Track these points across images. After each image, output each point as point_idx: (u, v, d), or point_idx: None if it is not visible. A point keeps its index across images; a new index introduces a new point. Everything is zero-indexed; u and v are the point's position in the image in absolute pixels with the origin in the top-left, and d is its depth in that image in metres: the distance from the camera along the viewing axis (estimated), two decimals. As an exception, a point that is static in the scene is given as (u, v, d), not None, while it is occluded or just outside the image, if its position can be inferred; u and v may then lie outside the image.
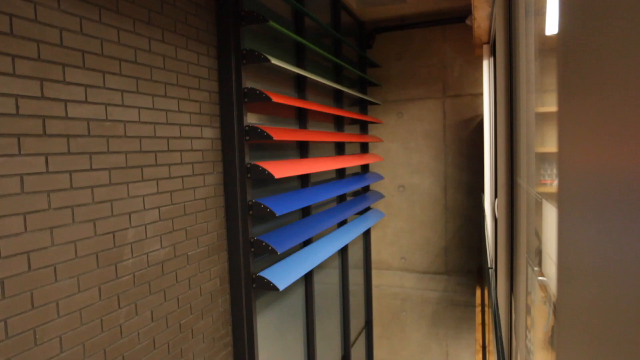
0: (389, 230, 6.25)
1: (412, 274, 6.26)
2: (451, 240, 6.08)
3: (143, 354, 2.21)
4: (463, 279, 6.13)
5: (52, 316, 1.78)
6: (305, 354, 4.19)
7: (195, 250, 2.56)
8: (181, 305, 2.46)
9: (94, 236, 1.95)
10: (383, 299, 6.41)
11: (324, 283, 4.74)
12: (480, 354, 3.66)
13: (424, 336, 6.34)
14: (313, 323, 4.11)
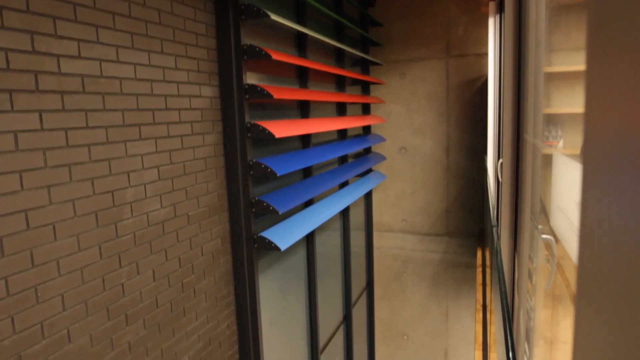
0: (390, 193, 6.23)
1: (414, 235, 6.29)
2: (453, 202, 6.08)
3: (146, 312, 2.22)
4: (464, 240, 6.16)
5: (53, 275, 1.77)
6: (307, 314, 4.25)
7: (195, 210, 2.54)
8: (183, 265, 2.46)
9: (92, 195, 1.92)
10: (384, 261, 6.46)
11: (326, 245, 4.76)
12: (481, 313, 3.69)
13: (425, 297, 6.42)
14: (315, 284, 4.14)
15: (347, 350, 5.53)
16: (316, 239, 4.17)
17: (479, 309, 3.77)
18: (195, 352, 2.59)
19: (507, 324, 1.25)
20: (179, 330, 2.45)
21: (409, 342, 6.64)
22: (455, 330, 6.39)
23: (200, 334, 2.62)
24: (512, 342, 1.18)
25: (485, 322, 3.56)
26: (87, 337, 1.92)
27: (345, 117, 4.55)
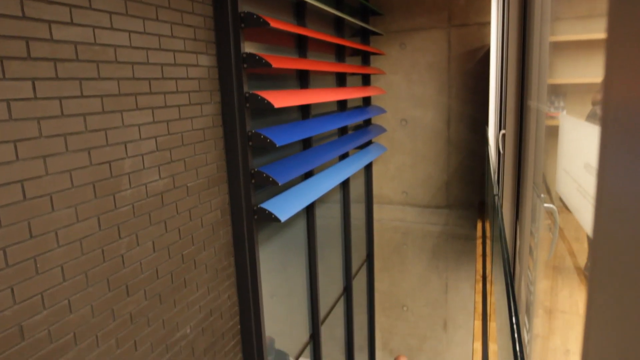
0: (390, 165, 6.21)
1: (414, 208, 6.29)
2: (453, 174, 6.06)
3: (146, 283, 2.22)
4: (464, 212, 6.16)
5: (52, 246, 1.76)
6: (308, 285, 4.27)
7: (194, 182, 2.52)
8: (183, 237, 2.45)
9: (89, 166, 1.89)
10: (384, 233, 6.48)
11: (326, 217, 4.76)
12: (480, 284, 3.71)
13: (424, 269, 6.46)
14: (315, 255, 4.16)
15: (347, 321, 5.59)
16: (316, 211, 4.17)
17: (479, 280, 3.78)
18: (196, 323, 2.60)
19: (510, 290, 1.24)
20: (180, 301, 2.46)
21: (409, 313, 6.72)
22: (454, 301, 6.45)
23: (201, 304, 2.63)
24: (516, 310, 1.17)
25: (484, 293, 3.58)
26: (88, 307, 1.92)
27: (345, 88, 4.49)
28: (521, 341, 1.05)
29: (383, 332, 6.95)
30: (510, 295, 1.21)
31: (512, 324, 1.13)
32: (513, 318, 1.07)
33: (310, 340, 4.39)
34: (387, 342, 6.97)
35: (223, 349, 2.86)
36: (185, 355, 2.53)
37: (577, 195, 0.81)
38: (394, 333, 6.89)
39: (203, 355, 2.68)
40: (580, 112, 1.31)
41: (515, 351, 1.00)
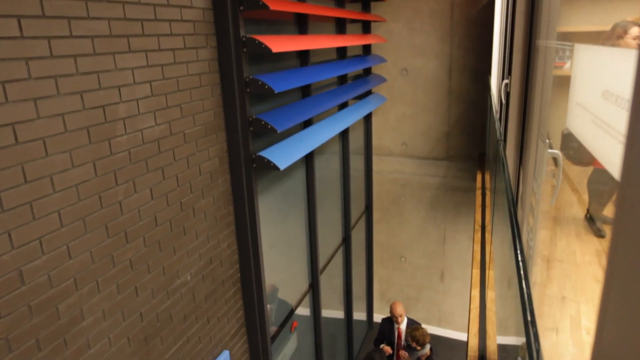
0: (390, 116, 6.13)
1: (413, 159, 6.26)
2: (454, 125, 5.99)
3: (145, 230, 2.21)
4: (464, 164, 6.14)
5: (48, 191, 1.73)
6: (307, 236, 4.29)
7: (191, 129, 2.47)
8: (181, 184, 2.42)
9: (82, 110, 1.83)
10: (383, 185, 6.48)
11: (325, 169, 4.73)
12: (479, 234, 3.73)
13: (423, 220, 6.50)
14: (314, 206, 4.15)
15: (346, 272, 5.67)
16: (315, 163, 4.13)
17: (478, 230, 3.80)
18: (196, 270, 2.61)
19: (516, 236, 1.22)
20: (179, 248, 2.46)
21: (407, 264, 6.81)
22: (451, 252, 6.53)
23: (201, 252, 2.63)
24: (523, 257, 1.15)
25: (483, 242, 3.60)
26: (87, 253, 1.91)
27: (345, 35, 4.36)
28: (529, 287, 1.04)
29: (381, 283, 7.07)
30: (517, 241, 1.19)
31: (519, 270, 1.12)
32: (521, 270, 1.05)
33: (310, 290, 4.46)
34: (385, 292, 7.11)
35: (224, 296, 2.89)
36: (186, 302, 2.56)
37: (593, 128, 0.77)
38: (391, 283, 7.01)
39: (204, 302, 2.71)
40: (585, 64, 1.24)
41: (523, 297, 0.99)
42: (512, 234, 1.28)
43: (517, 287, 1.03)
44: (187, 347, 2.60)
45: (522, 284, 1.01)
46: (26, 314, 1.68)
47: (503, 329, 2.64)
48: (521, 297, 0.97)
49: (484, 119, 5.82)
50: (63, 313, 1.83)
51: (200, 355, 2.72)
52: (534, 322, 0.89)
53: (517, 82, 2.16)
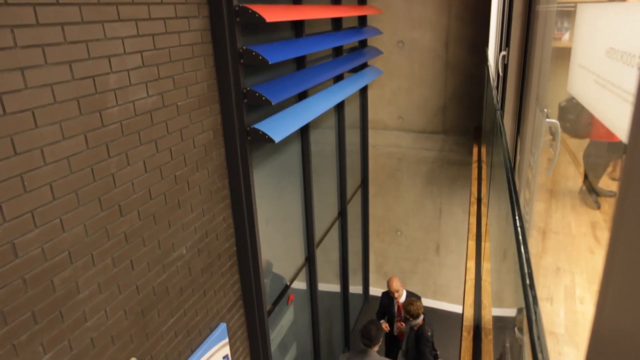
0: (386, 89, 6.07)
1: (409, 133, 6.22)
2: (450, 99, 5.94)
3: (139, 203, 2.19)
4: (460, 138, 6.11)
5: (38, 163, 1.70)
6: (303, 209, 4.29)
7: (184, 101, 2.42)
8: (174, 157, 2.40)
9: (71, 80, 1.79)
10: (379, 159, 6.46)
11: (321, 143, 4.70)
12: (475, 206, 3.73)
13: (419, 194, 6.50)
14: (310, 179, 4.14)
15: (342, 245, 5.69)
16: (311, 137, 4.10)
17: (474, 202, 3.80)
18: (192, 244, 2.61)
19: (513, 197, 1.21)
20: (174, 222, 2.44)
21: (402, 237, 6.85)
22: (447, 225, 6.56)
23: (196, 226, 2.62)
24: (522, 222, 1.14)
25: (479, 215, 3.61)
26: (81, 226, 1.90)
27: (340, 6, 4.27)
28: (527, 252, 1.03)
29: (377, 256, 7.12)
30: (515, 205, 1.17)
31: (517, 236, 1.10)
32: (520, 238, 1.04)
33: (306, 263, 4.48)
34: (381, 265, 7.16)
35: (220, 269, 2.89)
36: (182, 275, 2.55)
37: (596, 89, 0.75)
38: (387, 257, 7.06)
39: (200, 275, 2.71)
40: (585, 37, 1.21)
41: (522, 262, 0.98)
42: (510, 199, 1.27)
43: (516, 253, 1.02)
44: (184, 320, 2.61)
45: (520, 250, 1.00)
46: (21, 287, 1.67)
47: (497, 301, 2.66)
48: (520, 263, 0.96)
49: (481, 92, 5.77)
50: (58, 286, 1.82)
51: (197, 328, 2.74)
52: (532, 285, 0.88)
53: (515, 51, 2.12)
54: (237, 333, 3.20)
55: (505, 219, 2.31)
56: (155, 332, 2.39)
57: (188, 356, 2.68)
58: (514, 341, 2.17)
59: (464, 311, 2.41)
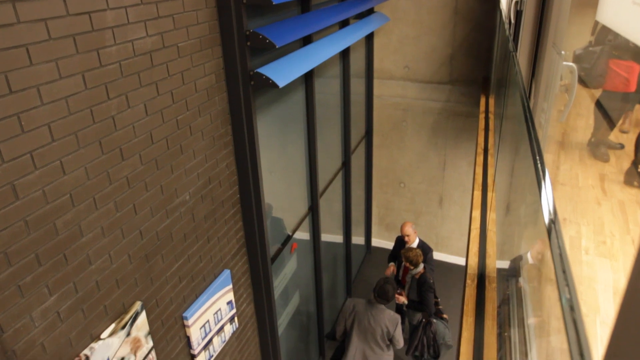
0: (393, 37, 5.89)
1: (415, 83, 6.09)
2: (458, 48, 5.77)
3: (141, 147, 2.15)
4: (467, 89, 5.99)
5: (35, 103, 1.64)
6: (307, 159, 4.24)
7: (185, 42, 2.33)
8: (176, 101, 2.33)
9: (66, 15, 1.70)
10: (384, 109, 6.36)
11: (325, 93, 4.60)
12: (482, 156, 3.68)
13: (423, 145, 6.44)
14: (314, 128, 4.07)
15: (345, 196, 5.69)
16: (315, 85, 4.00)
17: (480, 153, 3.75)
18: (195, 190, 2.58)
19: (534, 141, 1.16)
20: (177, 167, 2.41)
21: (406, 189, 6.84)
22: (451, 178, 6.53)
23: (199, 172, 2.59)
24: (542, 162, 1.09)
25: (485, 165, 3.56)
26: (82, 169, 1.86)
27: (347, -54, 4.07)
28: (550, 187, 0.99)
29: (380, 208, 7.14)
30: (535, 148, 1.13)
31: (536, 165, 1.06)
32: (542, 184, 0.99)
33: (309, 212, 4.48)
34: (384, 217, 7.20)
35: (223, 216, 2.88)
36: (186, 221, 2.54)
37: (636, 9, 0.68)
38: (390, 208, 7.08)
39: (203, 221, 2.70)
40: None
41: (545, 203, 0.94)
42: (528, 135, 1.22)
43: (538, 194, 0.98)
44: (188, 266, 2.62)
45: (541, 186, 0.96)
46: (23, 229, 1.66)
47: (500, 254, 2.66)
48: (542, 201, 0.92)
49: (490, 42, 5.60)
50: (61, 229, 1.80)
51: (201, 274, 2.75)
52: (556, 220, 0.85)
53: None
54: (241, 279, 3.23)
55: (516, 166, 2.26)
56: (160, 276, 2.41)
57: (192, 301, 2.71)
58: (516, 290, 2.17)
59: (468, 260, 2.41)
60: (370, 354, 4.19)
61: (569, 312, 0.53)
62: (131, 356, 2.22)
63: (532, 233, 1.62)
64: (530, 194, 1.66)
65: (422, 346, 4.63)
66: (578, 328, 0.50)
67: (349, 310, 4.21)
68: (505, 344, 1.99)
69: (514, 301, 2.08)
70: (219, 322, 2.94)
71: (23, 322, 1.70)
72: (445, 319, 4.83)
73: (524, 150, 1.44)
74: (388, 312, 4.15)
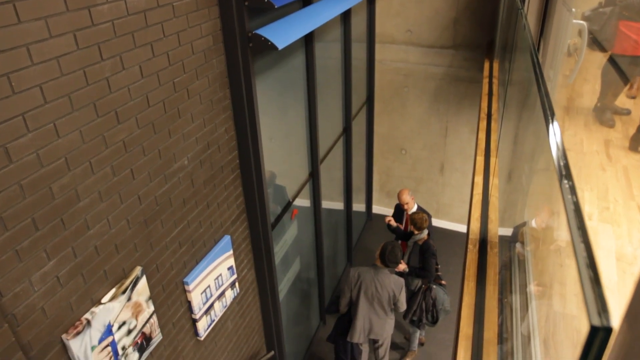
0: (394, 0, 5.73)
1: (418, 48, 5.97)
2: (463, 11, 5.63)
3: (137, 110, 2.10)
4: (470, 53, 5.87)
5: (25, 63, 1.58)
6: (307, 124, 4.19)
7: (180, 1, 2.25)
8: (172, 63, 2.26)
9: (55, -30, 1.63)
10: (385, 75, 6.25)
11: (325, 57, 4.50)
12: (485, 122, 3.63)
13: (425, 112, 6.36)
14: (314, 93, 4.00)
15: (346, 163, 5.65)
16: (316, 50, 3.90)
17: (483, 118, 3.69)
18: (194, 155, 2.54)
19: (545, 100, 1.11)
20: (174, 131, 2.36)
21: (407, 156, 6.79)
22: (453, 144, 6.48)
23: (197, 136, 2.54)
24: (552, 113, 1.05)
25: (488, 131, 3.51)
26: (76, 133, 1.82)
27: None
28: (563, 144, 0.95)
29: (380, 175, 7.11)
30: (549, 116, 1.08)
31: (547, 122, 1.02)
32: (549, 119, 0.95)
33: (310, 179, 4.45)
34: (385, 184, 7.18)
35: (223, 182, 2.85)
36: (185, 186, 2.51)
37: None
38: (391, 175, 7.06)
39: (203, 187, 2.67)
40: None
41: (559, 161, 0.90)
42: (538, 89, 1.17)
43: (551, 149, 0.95)
44: (188, 231, 2.60)
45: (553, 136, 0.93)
46: (18, 193, 1.63)
47: (502, 221, 2.64)
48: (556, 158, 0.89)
49: (496, 4, 5.45)
50: (57, 193, 1.77)
51: (201, 240, 2.74)
52: (570, 175, 0.81)
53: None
54: (241, 245, 3.22)
55: (522, 127, 2.22)
56: (160, 242, 2.39)
57: (193, 267, 2.71)
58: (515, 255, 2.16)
59: (470, 225, 2.40)
60: (375, 320, 4.21)
61: (586, 270, 0.50)
62: (133, 320, 2.23)
63: (539, 196, 1.59)
64: (538, 153, 1.62)
65: (420, 311, 4.66)
66: (596, 286, 0.47)
67: (354, 280, 4.15)
68: (506, 308, 1.99)
69: (515, 266, 2.06)
70: (219, 287, 2.95)
71: (22, 287, 1.69)
72: (444, 285, 4.86)
73: (531, 102, 1.40)
74: (393, 276, 4.15)
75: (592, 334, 0.44)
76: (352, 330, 4.24)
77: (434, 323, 4.78)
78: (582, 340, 0.45)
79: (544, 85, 1.05)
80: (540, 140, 2.29)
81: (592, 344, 0.45)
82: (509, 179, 2.73)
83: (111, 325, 2.09)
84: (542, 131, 1.05)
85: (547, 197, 1.79)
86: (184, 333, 2.72)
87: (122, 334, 2.16)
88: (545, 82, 1.11)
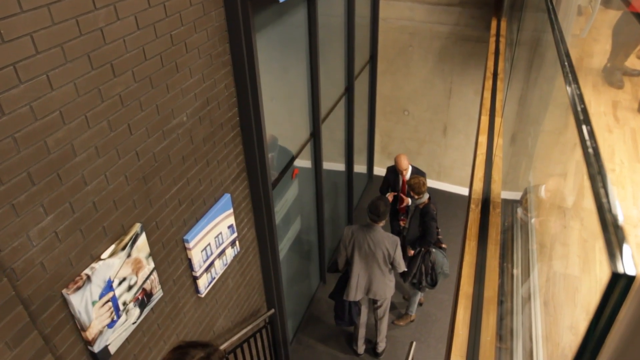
0: (401, -46, 5.53)
1: (423, 5, 5.79)
2: (471, -34, 5.43)
3: (133, 64, 2.03)
4: (477, 11, 5.70)
5: (14, 9, 1.51)
6: (308, 83, 4.10)
7: (177, -52, 2.15)
8: (169, 14, 2.18)
9: None
10: (390, 33, 6.09)
11: (328, 15, 4.36)
12: (491, 81, 3.54)
13: (429, 72, 6.23)
14: (316, 52, 3.90)
15: (347, 123, 5.58)
16: (318, 6, 3.77)
17: (489, 77, 3.61)
18: (193, 111, 2.49)
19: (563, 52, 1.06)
20: (173, 86, 2.30)
21: (410, 117, 6.71)
22: (456, 106, 6.38)
23: (196, 92, 2.48)
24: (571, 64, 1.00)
25: (494, 90, 3.43)
26: (71, 85, 1.76)
27: None
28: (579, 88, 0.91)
29: (382, 136, 7.04)
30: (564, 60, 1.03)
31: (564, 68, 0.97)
32: (572, 89, 0.90)
33: (311, 139, 4.40)
34: (386, 145, 7.12)
35: (223, 139, 2.81)
36: (184, 143, 2.47)
37: None
38: (393, 137, 6.99)
39: (202, 144, 2.62)
40: None
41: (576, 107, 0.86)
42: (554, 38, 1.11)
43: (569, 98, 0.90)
44: (187, 189, 2.58)
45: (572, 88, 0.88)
46: (12, 146, 1.59)
47: (508, 179, 2.60)
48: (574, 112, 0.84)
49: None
50: (52, 147, 1.73)
51: (201, 197, 2.72)
52: (588, 121, 0.77)
53: None
54: (241, 204, 3.21)
55: (531, 83, 2.16)
56: (159, 199, 2.37)
57: (193, 224, 2.69)
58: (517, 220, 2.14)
59: (473, 185, 2.36)
60: (374, 279, 4.21)
61: (609, 216, 0.47)
62: (133, 277, 2.23)
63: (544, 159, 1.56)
64: (548, 113, 1.57)
65: (420, 274, 4.69)
66: (618, 232, 0.44)
67: (348, 238, 4.14)
68: (507, 269, 1.98)
69: (517, 228, 2.05)
70: (220, 245, 2.95)
71: (20, 241, 1.67)
72: (444, 248, 4.87)
73: (540, 62, 1.34)
74: (386, 233, 4.11)
75: (612, 281, 0.41)
76: (347, 288, 4.26)
77: (432, 286, 4.82)
78: (601, 288, 0.42)
79: (559, 30, 0.99)
80: (550, 99, 2.23)
81: (612, 292, 0.42)
82: (514, 140, 2.68)
83: (111, 281, 2.09)
84: (557, 80, 1.01)
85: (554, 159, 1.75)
86: (184, 290, 2.73)
87: (122, 289, 2.16)
88: (561, 25, 1.05)
